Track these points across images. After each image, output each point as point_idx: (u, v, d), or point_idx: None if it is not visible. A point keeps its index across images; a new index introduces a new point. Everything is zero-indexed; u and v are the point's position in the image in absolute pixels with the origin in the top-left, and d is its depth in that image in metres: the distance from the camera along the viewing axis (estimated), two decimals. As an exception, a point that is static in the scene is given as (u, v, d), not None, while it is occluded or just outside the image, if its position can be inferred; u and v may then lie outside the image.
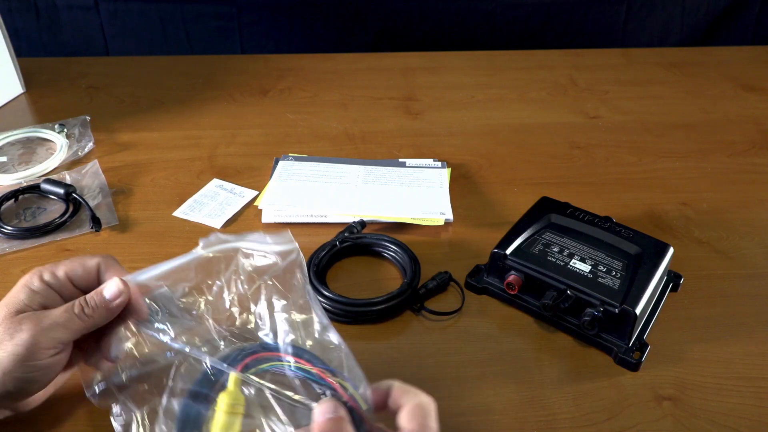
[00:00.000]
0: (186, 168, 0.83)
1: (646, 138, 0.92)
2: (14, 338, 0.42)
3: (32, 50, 1.37)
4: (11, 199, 0.75)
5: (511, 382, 0.54)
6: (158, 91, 1.03)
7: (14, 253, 0.68)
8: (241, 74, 1.10)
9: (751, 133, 0.94)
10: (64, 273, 0.47)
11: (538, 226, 0.65)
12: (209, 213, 0.74)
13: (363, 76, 1.10)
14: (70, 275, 0.47)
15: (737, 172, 0.85)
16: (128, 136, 0.90)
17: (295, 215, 0.73)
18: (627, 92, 1.05)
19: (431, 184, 0.80)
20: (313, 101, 1.02)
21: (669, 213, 0.76)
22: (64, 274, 0.47)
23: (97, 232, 0.71)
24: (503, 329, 0.60)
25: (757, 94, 1.05)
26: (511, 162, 0.86)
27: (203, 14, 1.36)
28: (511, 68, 1.14)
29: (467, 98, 1.03)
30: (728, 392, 0.54)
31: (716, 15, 1.41)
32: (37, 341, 0.43)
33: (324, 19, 1.39)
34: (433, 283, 0.63)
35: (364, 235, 0.68)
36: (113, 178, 0.81)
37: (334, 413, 0.41)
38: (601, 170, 0.85)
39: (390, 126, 0.95)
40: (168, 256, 0.67)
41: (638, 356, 0.56)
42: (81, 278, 0.48)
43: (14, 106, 0.99)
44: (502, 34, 1.42)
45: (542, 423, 0.51)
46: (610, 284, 0.58)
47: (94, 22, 1.36)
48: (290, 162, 0.83)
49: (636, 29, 1.42)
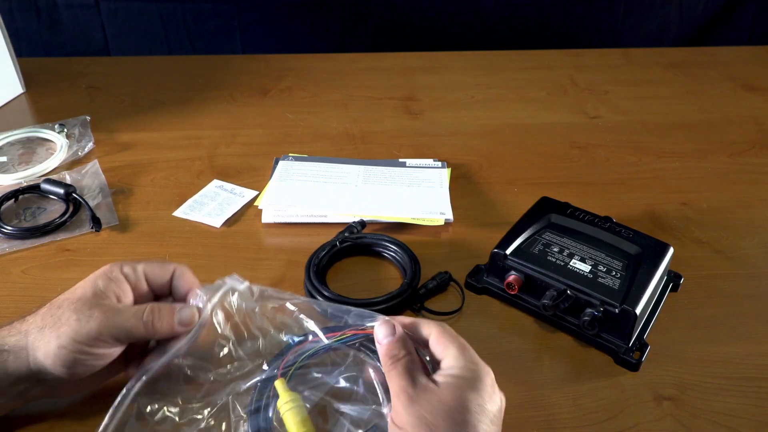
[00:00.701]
0: (186, 168, 0.83)
1: (646, 138, 0.92)
2: (81, 321, 0.44)
3: (32, 50, 1.37)
4: (11, 199, 0.75)
5: (511, 382, 0.54)
6: (158, 91, 1.03)
7: (14, 253, 0.68)
8: (241, 74, 1.10)
9: (751, 133, 0.94)
10: (143, 269, 0.50)
11: (538, 226, 0.65)
12: (209, 213, 0.74)
13: (363, 76, 1.10)
14: (147, 272, 0.50)
15: (737, 172, 0.85)
16: (128, 136, 0.90)
17: (295, 215, 0.73)
18: (627, 92, 1.05)
19: (431, 184, 0.80)
20: (313, 101, 1.02)
21: (669, 213, 0.76)
22: (142, 269, 0.50)
23: (97, 232, 0.71)
24: (503, 329, 0.60)
25: (757, 94, 1.05)
26: (511, 162, 0.86)
27: (204, 13, 1.36)
28: (511, 68, 1.14)
29: (467, 98, 1.03)
30: (728, 392, 0.54)
31: (714, 12, 1.41)
32: (100, 332, 0.44)
33: (324, 19, 1.39)
34: (433, 283, 0.63)
35: (364, 235, 0.68)
36: (113, 178, 0.81)
37: (393, 334, 0.46)
38: (601, 170, 0.85)
39: (390, 126, 0.95)
40: (168, 256, 0.68)
41: (638, 356, 0.56)
42: (157, 277, 0.50)
43: (14, 106, 0.99)
44: (502, 34, 1.42)
45: (542, 423, 0.51)
46: (610, 284, 0.58)
47: (95, 21, 1.36)
48: (290, 162, 0.83)
49: (634, 26, 1.42)
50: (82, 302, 0.45)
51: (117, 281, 0.48)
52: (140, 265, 0.50)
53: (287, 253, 0.68)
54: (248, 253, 0.69)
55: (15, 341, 0.45)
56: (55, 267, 0.66)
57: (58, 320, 0.45)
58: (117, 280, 0.48)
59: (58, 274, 0.65)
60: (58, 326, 0.44)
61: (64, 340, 0.44)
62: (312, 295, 0.61)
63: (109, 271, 0.48)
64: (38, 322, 0.46)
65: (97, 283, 0.47)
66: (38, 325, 0.45)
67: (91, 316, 0.45)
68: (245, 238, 0.71)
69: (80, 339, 0.44)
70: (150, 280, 0.50)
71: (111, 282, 0.48)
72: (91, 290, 0.46)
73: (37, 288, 0.64)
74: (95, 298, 0.46)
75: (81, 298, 0.46)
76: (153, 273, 0.50)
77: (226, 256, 0.68)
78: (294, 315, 0.51)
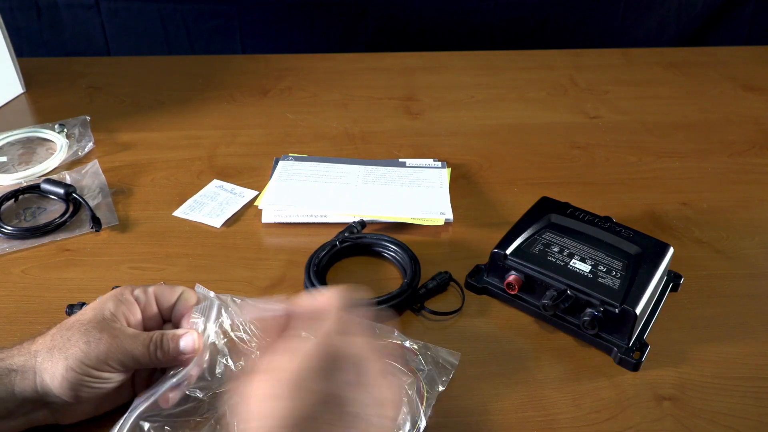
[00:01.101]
0: (186, 168, 0.83)
1: (646, 138, 0.92)
2: (90, 344, 0.45)
3: (33, 50, 1.37)
4: (11, 199, 0.75)
5: (511, 382, 0.54)
6: (158, 91, 1.03)
7: (14, 253, 0.68)
8: (241, 74, 1.10)
9: (751, 133, 0.94)
10: (153, 291, 0.50)
11: (538, 226, 0.65)
12: (209, 213, 0.74)
13: (363, 76, 1.10)
14: (157, 294, 0.50)
15: (737, 172, 0.85)
16: (128, 136, 0.90)
17: (295, 215, 0.73)
18: (627, 92, 1.05)
19: (431, 184, 0.80)
20: (313, 101, 1.02)
21: (669, 213, 0.76)
22: (152, 292, 0.50)
23: (97, 232, 0.71)
24: (503, 329, 0.60)
25: (757, 94, 1.05)
26: (511, 162, 0.86)
27: (203, 13, 1.36)
28: (511, 68, 1.14)
29: (467, 98, 1.03)
30: (728, 392, 0.54)
31: (713, 11, 1.41)
32: (108, 356, 0.45)
33: (324, 19, 1.39)
34: (433, 283, 0.63)
35: (364, 235, 0.68)
36: (113, 178, 0.81)
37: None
38: (601, 170, 0.85)
39: (390, 126, 0.95)
40: (168, 255, 0.68)
41: (638, 356, 0.56)
42: (166, 300, 0.51)
43: (14, 106, 0.99)
44: (502, 34, 1.42)
45: (542, 423, 0.51)
46: (610, 284, 0.58)
47: (95, 21, 1.36)
48: (290, 162, 0.83)
49: (633, 25, 1.42)
50: (92, 325, 0.46)
51: (127, 303, 0.48)
52: (151, 288, 0.50)
53: (287, 253, 0.68)
54: (248, 253, 0.69)
55: (23, 361, 0.45)
56: (55, 267, 0.66)
57: (67, 341, 0.45)
58: (127, 302, 0.48)
59: (58, 274, 0.65)
60: (67, 348, 0.44)
61: (72, 362, 0.44)
62: (312, 295, 0.61)
63: (120, 293, 0.49)
64: (47, 343, 0.45)
65: (108, 306, 0.47)
66: (47, 346, 0.45)
67: (100, 340, 0.45)
68: (245, 238, 0.71)
69: (88, 362, 0.44)
70: (160, 303, 0.50)
71: (121, 304, 0.48)
72: (101, 313, 0.47)
73: (37, 288, 0.64)
74: (105, 322, 0.46)
75: (91, 321, 0.46)
76: (163, 295, 0.50)
77: (226, 256, 0.68)
78: None
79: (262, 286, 0.64)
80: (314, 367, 0.39)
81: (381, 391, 0.41)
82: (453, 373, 0.54)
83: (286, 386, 0.39)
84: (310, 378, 0.39)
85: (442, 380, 0.53)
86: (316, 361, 0.40)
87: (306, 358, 0.40)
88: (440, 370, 0.54)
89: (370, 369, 0.41)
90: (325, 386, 0.39)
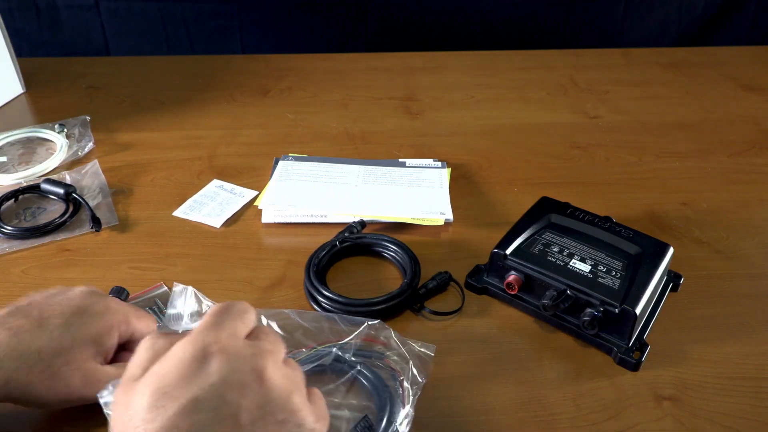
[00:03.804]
0: (186, 168, 0.83)
1: (646, 138, 0.92)
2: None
3: (33, 50, 1.37)
4: (11, 199, 0.75)
5: (511, 382, 0.54)
6: (158, 91, 1.03)
7: (14, 253, 0.68)
8: (241, 74, 1.10)
9: (751, 133, 0.94)
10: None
11: (538, 226, 0.65)
12: (209, 213, 0.74)
13: (363, 76, 1.10)
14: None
15: (737, 172, 0.85)
16: (128, 136, 0.90)
17: (295, 215, 0.73)
18: (627, 92, 1.05)
19: (431, 184, 0.80)
20: (313, 101, 1.02)
21: (669, 213, 0.76)
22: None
23: (97, 232, 0.71)
24: (503, 329, 0.60)
25: (757, 94, 1.05)
26: (511, 162, 0.86)
27: (203, 13, 1.36)
28: (511, 68, 1.14)
29: (467, 98, 1.03)
30: (728, 392, 0.54)
31: (713, 12, 1.41)
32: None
33: (324, 19, 1.39)
34: (433, 283, 0.63)
35: (364, 235, 0.68)
36: (113, 178, 0.81)
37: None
38: (601, 170, 0.85)
39: (390, 126, 0.95)
40: (168, 255, 0.68)
41: (638, 356, 0.56)
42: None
43: (14, 106, 0.99)
44: (502, 34, 1.42)
45: (542, 423, 0.51)
46: (610, 284, 0.58)
47: (95, 21, 1.36)
48: (290, 162, 0.83)
49: (634, 26, 1.42)
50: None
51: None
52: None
53: (287, 253, 0.68)
54: (248, 253, 0.69)
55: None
56: (55, 267, 0.66)
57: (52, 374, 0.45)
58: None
59: (58, 274, 0.65)
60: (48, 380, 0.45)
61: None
62: (312, 295, 0.61)
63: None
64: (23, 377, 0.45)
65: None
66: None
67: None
68: (245, 238, 0.71)
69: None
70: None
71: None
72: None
73: (37, 288, 0.63)
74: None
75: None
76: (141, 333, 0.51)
77: (226, 256, 0.68)
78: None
79: (262, 286, 0.64)
80: (181, 370, 0.35)
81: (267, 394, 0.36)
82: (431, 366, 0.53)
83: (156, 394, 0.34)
84: (174, 384, 0.34)
85: (422, 373, 0.52)
86: (182, 363, 0.35)
87: (173, 359, 0.36)
88: (419, 360, 0.53)
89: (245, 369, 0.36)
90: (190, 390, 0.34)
